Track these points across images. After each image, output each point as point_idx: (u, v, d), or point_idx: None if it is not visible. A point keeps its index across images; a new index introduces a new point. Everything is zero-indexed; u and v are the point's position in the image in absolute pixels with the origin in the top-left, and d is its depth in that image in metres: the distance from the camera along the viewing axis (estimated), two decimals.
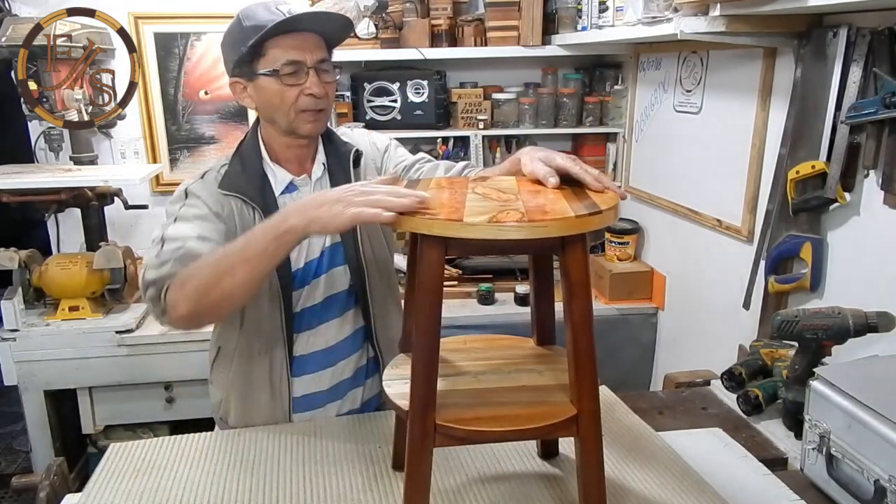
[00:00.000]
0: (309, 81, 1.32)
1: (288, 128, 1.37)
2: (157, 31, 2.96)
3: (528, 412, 1.01)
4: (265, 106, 1.37)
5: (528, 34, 2.82)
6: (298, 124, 1.36)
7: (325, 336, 1.46)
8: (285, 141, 1.41)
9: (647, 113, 2.69)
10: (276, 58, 1.31)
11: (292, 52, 1.31)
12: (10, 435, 3.48)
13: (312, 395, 1.48)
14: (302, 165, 1.45)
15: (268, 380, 1.44)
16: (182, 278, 1.19)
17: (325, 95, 1.36)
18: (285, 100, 1.33)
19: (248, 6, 1.34)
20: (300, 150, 1.43)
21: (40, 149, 2.94)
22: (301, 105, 1.34)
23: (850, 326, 1.42)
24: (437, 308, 0.95)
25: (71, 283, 2.47)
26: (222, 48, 1.40)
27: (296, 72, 1.32)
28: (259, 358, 1.43)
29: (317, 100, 1.34)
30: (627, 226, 2.83)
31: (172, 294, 1.19)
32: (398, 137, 1.65)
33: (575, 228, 0.91)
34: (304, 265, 1.42)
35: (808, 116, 1.75)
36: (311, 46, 1.34)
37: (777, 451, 1.47)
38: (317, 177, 1.45)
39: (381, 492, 1.22)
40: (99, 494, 1.23)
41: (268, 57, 1.32)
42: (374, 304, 1.49)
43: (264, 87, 1.34)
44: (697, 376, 1.91)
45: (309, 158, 1.45)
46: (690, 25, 1.78)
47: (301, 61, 1.32)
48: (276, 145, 1.42)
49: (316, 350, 1.46)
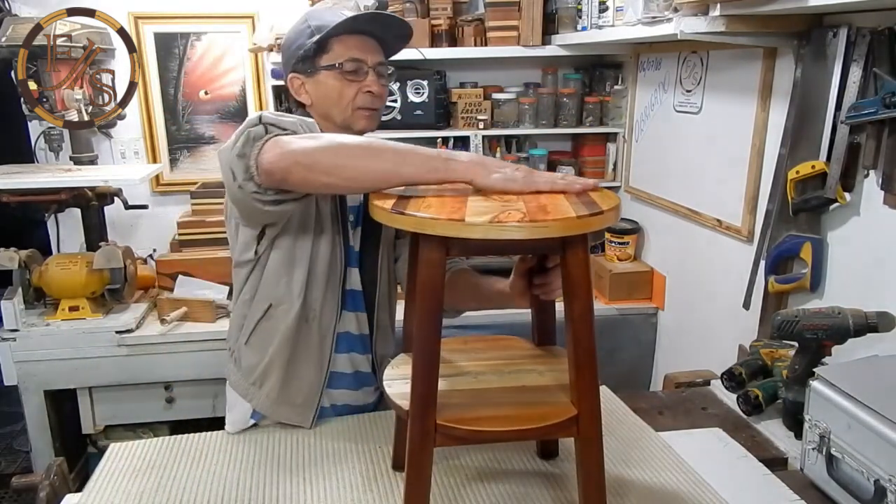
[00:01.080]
0: (368, 80, 1.37)
1: (343, 123, 1.40)
2: (157, 31, 2.96)
3: (528, 412, 1.01)
4: (322, 100, 1.40)
5: (528, 34, 2.82)
6: (354, 120, 1.39)
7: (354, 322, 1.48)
8: None
9: (647, 113, 2.69)
10: (340, 54, 1.36)
11: (355, 50, 1.37)
12: (10, 435, 3.48)
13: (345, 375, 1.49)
14: None
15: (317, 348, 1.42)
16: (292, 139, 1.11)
17: (381, 96, 1.40)
18: (344, 95, 1.37)
19: (314, 8, 1.41)
20: None
21: (40, 149, 2.94)
22: (359, 102, 1.38)
23: (850, 326, 1.42)
24: (438, 308, 0.95)
25: (71, 283, 2.47)
26: (283, 47, 1.44)
27: (357, 69, 1.37)
28: (311, 324, 1.41)
29: (374, 98, 1.38)
30: (627, 226, 2.83)
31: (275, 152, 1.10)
32: (398, 137, 1.64)
33: (576, 229, 0.91)
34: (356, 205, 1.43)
35: (808, 116, 1.75)
36: (373, 49, 1.39)
37: (777, 451, 1.47)
38: None
39: (381, 492, 1.22)
40: (99, 494, 1.23)
41: (331, 53, 1.36)
42: (378, 315, 1.50)
43: (324, 82, 1.38)
44: (697, 376, 1.91)
45: None
46: (690, 25, 1.78)
47: (363, 60, 1.37)
48: None
49: (350, 331, 1.47)
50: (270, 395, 1.43)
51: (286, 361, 1.42)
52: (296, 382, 1.43)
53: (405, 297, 1.20)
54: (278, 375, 1.42)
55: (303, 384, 1.43)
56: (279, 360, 1.42)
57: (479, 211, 0.92)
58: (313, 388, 1.43)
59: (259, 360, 1.44)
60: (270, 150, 1.11)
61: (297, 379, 1.43)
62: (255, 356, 1.44)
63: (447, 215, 0.90)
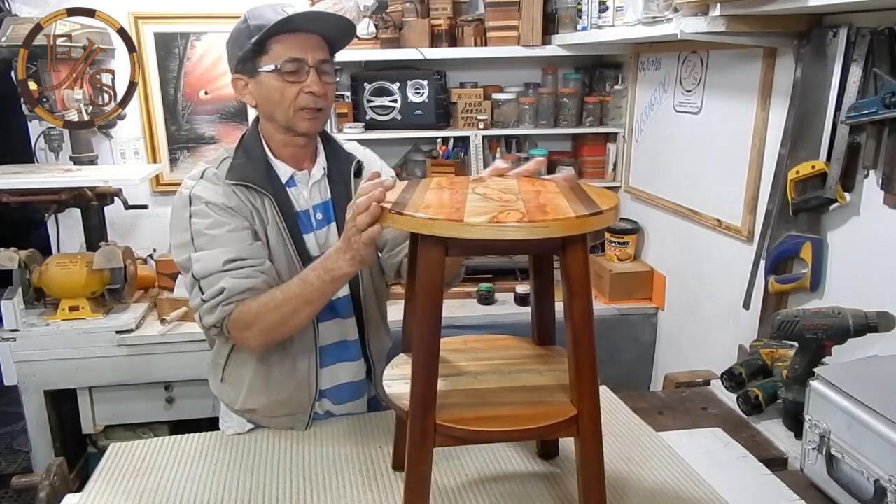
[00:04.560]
0: (309, 80, 1.34)
1: (286, 124, 1.38)
2: (157, 31, 2.96)
3: (528, 412, 1.01)
4: (265, 102, 1.38)
5: (528, 34, 2.82)
6: (297, 121, 1.37)
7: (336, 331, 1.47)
8: (283, 139, 1.42)
9: (647, 113, 2.69)
10: (279, 55, 1.33)
11: (295, 50, 1.33)
12: (10, 435, 3.48)
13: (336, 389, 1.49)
14: (299, 164, 1.45)
15: (298, 370, 1.43)
16: (246, 320, 1.30)
17: (325, 95, 1.37)
18: (285, 96, 1.35)
19: (255, 6, 1.36)
20: (297, 150, 1.44)
21: (40, 149, 2.94)
22: (300, 103, 1.35)
23: (850, 326, 1.42)
24: (437, 308, 0.95)
25: (71, 283, 2.47)
26: (227, 46, 1.42)
27: (297, 70, 1.34)
28: (285, 350, 1.42)
29: (316, 98, 1.36)
30: (627, 226, 2.83)
31: (238, 334, 1.32)
32: (398, 137, 1.65)
33: (575, 229, 0.91)
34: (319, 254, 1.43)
35: (808, 116, 1.75)
36: (314, 46, 1.36)
37: (777, 451, 1.47)
38: (315, 179, 1.46)
39: (381, 492, 1.22)
40: (99, 494, 1.23)
41: (270, 54, 1.34)
42: (367, 310, 1.49)
43: (265, 84, 1.36)
44: (697, 376, 1.91)
45: (307, 158, 1.46)
46: (690, 25, 1.78)
47: (302, 59, 1.34)
48: (274, 142, 1.43)
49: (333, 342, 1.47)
50: (261, 419, 1.46)
51: (265, 388, 1.44)
52: (282, 407, 1.45)
53: (405, 296, 1.20)
54: (262, 402, 1.45)
55: (290, 405, 1.45)
56: (257, 387, 1.44)
57: (478, 211, 0.92)
58: (303, 405, 1.44)
59: (238, 393, 1.46)
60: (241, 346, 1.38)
61: (281, 404, 1.45)
62: (234, 391, 1.47)
63: (446, 215, 0.90)
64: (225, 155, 1.43)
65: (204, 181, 1.38)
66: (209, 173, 1.39)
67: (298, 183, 1.44)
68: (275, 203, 1.37)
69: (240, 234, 1.34)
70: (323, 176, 1.47)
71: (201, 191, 1.36)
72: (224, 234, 1.33)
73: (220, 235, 1.32)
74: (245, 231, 1.35)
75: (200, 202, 1.35)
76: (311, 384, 1.44)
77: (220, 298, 1.29)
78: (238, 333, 1.32)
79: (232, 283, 1.29)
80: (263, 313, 1.28)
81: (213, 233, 1.32)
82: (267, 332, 1.30)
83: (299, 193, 1.44)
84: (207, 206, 1.34)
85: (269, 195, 1.37)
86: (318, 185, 1.46)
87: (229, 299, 1.29)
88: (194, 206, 1.35)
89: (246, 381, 1.45)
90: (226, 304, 1.30)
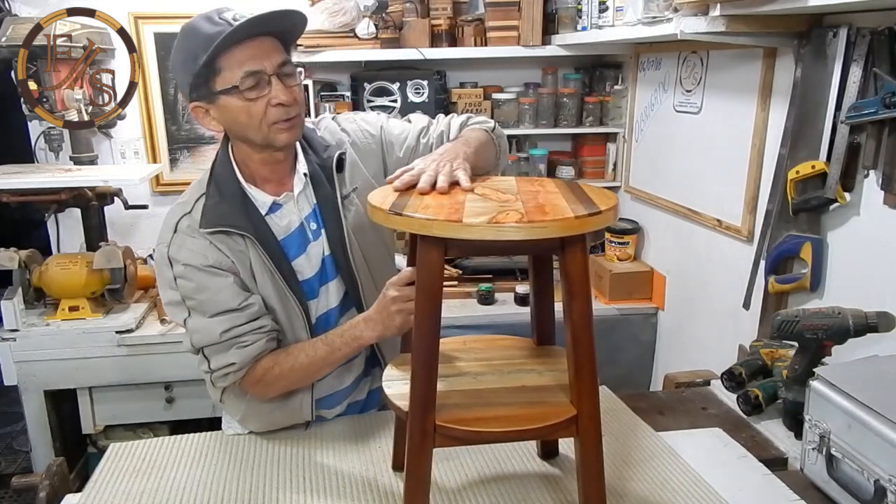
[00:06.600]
0: (273, 90, 1.22)
1: (264, 142, 1.27)
2: (157, 31, 2.96)
3: (528, 412, 1.01)
4: (234, 125, 1.27)
5: (528, 34, 2.82)
6: (273, 136, 1.26)
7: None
8: (261, 158, 1.32)
9: (647, 113, 2.69)
10: (234, 71, 1.20)
11: (249, 62, 1.20)
12: (10, 435, 3.48)
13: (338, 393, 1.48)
14: (281, 182, 1.36)
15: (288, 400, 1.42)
16: (267, 380, 1.34)
17: (295, 101, 1.25)
18: (253, 115, 1.23)
19: (190, 21, 1.22)
20: (278, 167, 1.34)
21: (40, 149, 2.94)
22: (271, 117, 1.24)
23: (850, 326, 1.42)
24: (437, 308, 0.96)
25: (71, 283, 2.47)
26: (173, 72, 1.32)
27: (257, 83, 1.21)
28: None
29: (287, 108, 1.24)
30: (627, 226, 2.83)
31: (253, 389, 1.36)
32: None
33: (574, 229, 0.91)
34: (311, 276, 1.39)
35: (808, 116, 1.75)
36: (268, 51, 1.22)
37: (777, 451, 1.47)
38: (299, 190, 1.36)
39: (381, 492, 1.22)
40: (99, 494, 1.23)
41: (224, 73, 1.21)
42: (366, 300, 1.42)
43: (227, 107, 1.24)
44: (697, 376, 1.91)
45: (287, 174, 1.36)
46: (690, 25, 1.78)
47: (260, 70, 1.21)
48: (251, 165, 1.33)
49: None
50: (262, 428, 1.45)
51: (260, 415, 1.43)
52: (282, 417, 1.44)
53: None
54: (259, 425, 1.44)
55: (288, 422, 1.44)
56: (251, 414, 1.43)
57: (476, 212, 0.92)
58: (304, 413, 1.43)
59: (237, 408, 1.43)
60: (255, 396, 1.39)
61: (279, 423, 1.44)
62: (234, 408, 1.44)
63: (445, 216, 0.90)
64: (199, 192, 1.33)
65: (179, 236, 1.31)
66: (183, 225, 1.31)
67: (284, 205, 1.36)
68: (256, 242, 1.30)
69: (227, 292, 1.29)
70: (306, 184, 1.37)
71: (177, 252, 1.30)
72: (211, 297, 1.29)
73: (207, 300, 1.29)
74: (230, 287, 1.29)
75: (179, 265, 1.30)
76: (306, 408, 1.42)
77: (231, 370, 1.31)
78: (253, 388, 1.36)
79: (241, 356, 1.30)
80: (287, 375, 1.33)
81: (200, 297, 1.29)
82: (289, 387, 1.37)
83: (289, 213, 1.36)
84: (186, 268, 1.29)
85: (249, 236, 1.29)
86: (304, 194, 1.37)
87: (240, 370, 1.32)
88: (175, 269, 1.30)
89: (242, 410, 1.43)
90: (237, 371, 1.32)
